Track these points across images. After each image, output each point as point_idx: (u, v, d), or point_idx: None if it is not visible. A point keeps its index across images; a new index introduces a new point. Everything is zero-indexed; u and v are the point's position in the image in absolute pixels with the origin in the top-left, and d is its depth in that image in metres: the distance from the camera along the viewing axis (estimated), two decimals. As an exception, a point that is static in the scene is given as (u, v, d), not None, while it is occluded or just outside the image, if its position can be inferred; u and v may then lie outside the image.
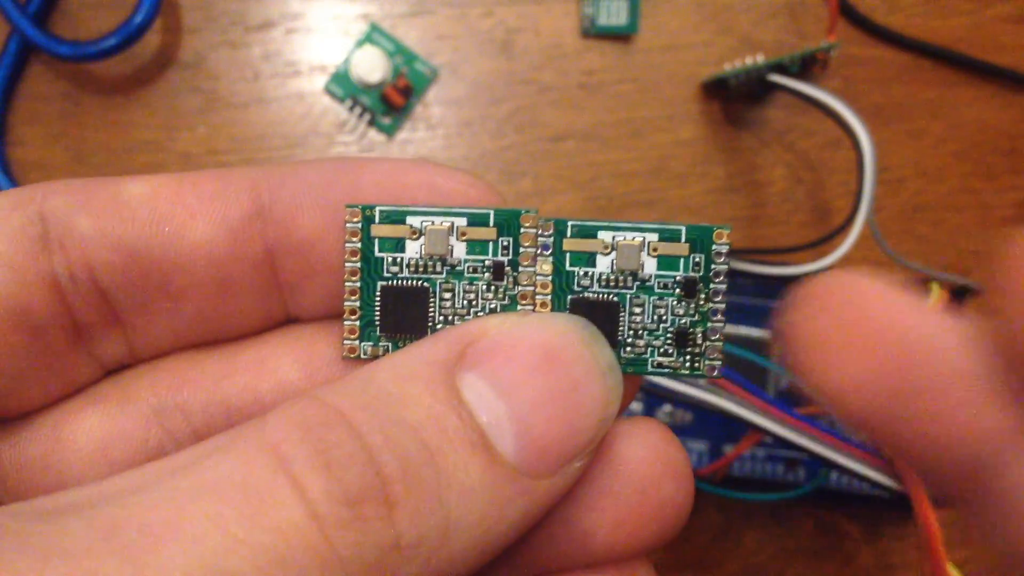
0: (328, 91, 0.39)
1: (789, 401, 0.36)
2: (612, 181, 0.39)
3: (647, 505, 0.17)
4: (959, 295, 0.35)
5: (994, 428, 0.15)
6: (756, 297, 0.37)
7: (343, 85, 0.39)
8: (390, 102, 0.38)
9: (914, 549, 0.39)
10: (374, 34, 0.39)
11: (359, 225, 0.17)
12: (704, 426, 0.37)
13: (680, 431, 0.37)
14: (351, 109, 0.39)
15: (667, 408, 0.37)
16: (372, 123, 0.39)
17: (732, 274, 0.36)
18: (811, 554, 0.39)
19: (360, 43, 0.39)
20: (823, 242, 0.36)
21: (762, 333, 0.37)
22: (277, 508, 0.13)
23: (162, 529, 0.12)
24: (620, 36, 0.40)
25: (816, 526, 0.39)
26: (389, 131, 0.39)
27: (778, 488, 0.35)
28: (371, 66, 0.38)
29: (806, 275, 0.35)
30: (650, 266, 0.17)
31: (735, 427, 0.34)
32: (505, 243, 0.17)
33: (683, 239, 0.17)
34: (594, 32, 0.39)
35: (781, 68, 0.37)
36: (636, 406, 0.36)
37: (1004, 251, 0.15)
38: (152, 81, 0.38)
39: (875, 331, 0.16)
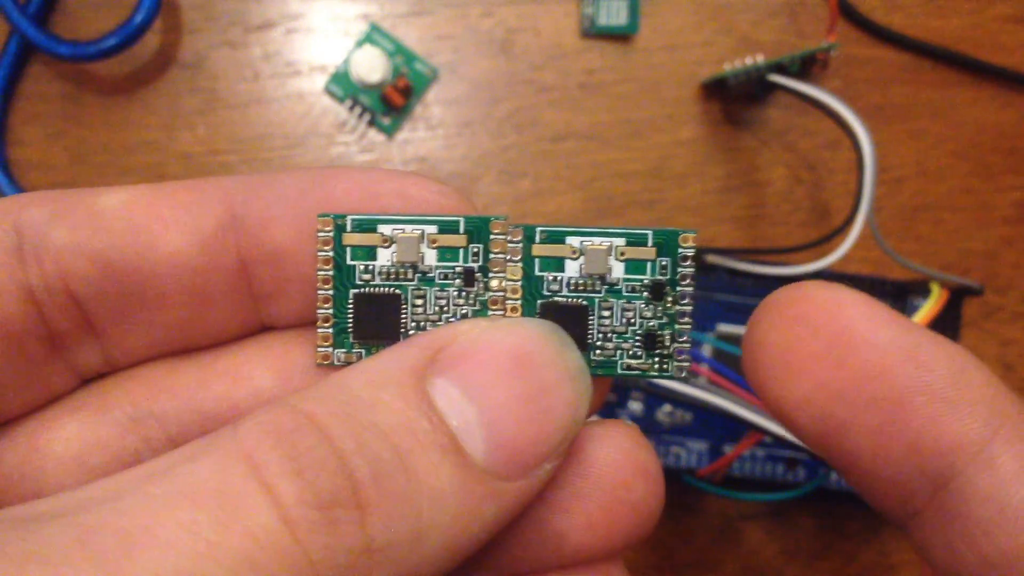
0: (328, 91, 0.39)
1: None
2: (612, 181, 0.39)
3: (618, 506, 0.18)
4: (959, 295, 0.35)
5: (952, 441, 0.15)
6: (756, 297, 0.37)
7: (343, 85, 0.39)
8: (390, 102, 0.38)
9: (914, 549, 0.39)
10: (374, 34, 0.39)
11: (331, 234, 0.18)
12: (704, 426, 0.37)
13: (680, 431, 0.37)
14: (351, 109, 0.39)
15: (667, 408, 0.37)
16: (372, 123, 0.39)
17: (732, 274, 0.36)
18: (811, 554, 0.39)
19: (360, 43, 0.39)
20: (823, 242, 0.36)
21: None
22: (250, 513, 0.13)
23: (137, 535, 0.12)
24: (620, 36, 0.40)
25: (816, 526, 0.39)
26: (389, 131, 0.39)
27: (778, 488, 0.35)
28: (371, 66, 0.38)
29: (806, 275, 0.35)
30: (618, 270, 0.18)
31: (735, 427, 0.34)
32: (475, 249, 0.18)
33: (650, 243, 0.18)
34: (594, 32, 0.39)
35: (781, 68, 0.37)
36: (636, 406, 0.37)
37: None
38: (152, 81, 0.38)
39: (834, 342, 0.16)
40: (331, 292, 0.18)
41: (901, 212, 0.40)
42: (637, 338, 0.18)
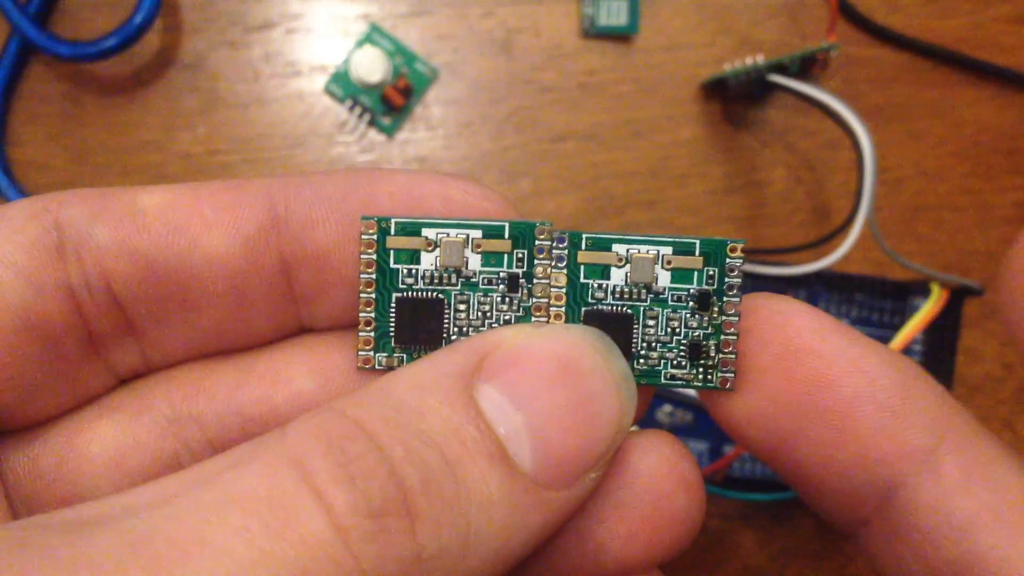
0: (328, 91, 0.39)
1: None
2: (612, 181, 0.39)
3: (659, 518, 0.17)
4: (959, 295, 0.35)
5: (898, 450, 0.15)
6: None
7: (343, 85, 0.39)
8: (390, 102, 0.38)
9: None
10: (374, 34, 0.39)
11: (375, 237, 0.17)
12: (704, 426, 0.37)
13: (680, 431, 0.37)
14: (351, 109, 0.39)
15: (667, 408, 0.37)
16: (372, 123, 0.39)
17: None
18: (811, 554, 0.39)
19: (360, 43, 0.39)
20: (823, 242, 0.36)
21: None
22: (302, 521, 0.13)
23: (190, 542, 0.12)
24: (620, 36, 0.40)
25: (816, 526, 0.39)
26: (389, 131, 0.39)
27: (778, 488, 0.35)
28: (371, 66, 0.38)
29: (806, 275, 0.35)
30: (664, 279, 0.17)
31: (735, 427, 0.34)
32: (520, 255, 0.17)
33: (697, 252, 0.17)
34: (594, 32, 0.39)
35: (781, 68, 0.37)
36: (636, 406, 0.37)
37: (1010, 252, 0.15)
38: (152, 81, 0.38)
39: (781, 354, 0.16)
40: (373, 295, 0.18)
41: (901, 212, 0.40)
42: (682, 348, 0.18)
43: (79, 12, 0.38)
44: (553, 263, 0.18)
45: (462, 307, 0.18)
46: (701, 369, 0.18)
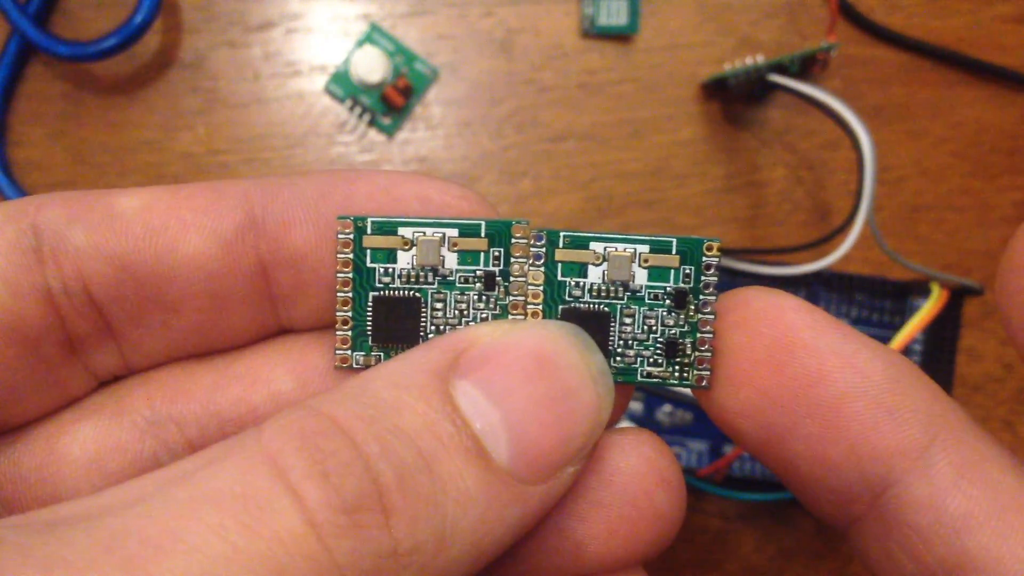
0: (328, 91, 0.39)
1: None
2: (612, 181, 0.39)
3: (639, 515, 0.17)
4: (959, 295, 0.35)
5: (891, 447, 0.15)
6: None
7: (343, 85, 0.39)
8: (390, 102, 0.38)
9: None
10: (374, 34, 0.39)
11: (351, 236, 0.17)
12: (704, 426, 0.37)
13: (680, 431, 0.37)
14: (351, 109, 0.39)
15: (667, 408, 0.37)
16: (372, 123, 0.39)
17: (732, 274, 0.36)
18: (811, 554, 0.39)
19: (360, 43, 0.39)
20: (823, 242, 0.36)
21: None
22: (276, 517, 0.13)
23: (163, 539, 0.12)
24: (620, 36, 0.40)
25: (816, 526, 0.39)
26: (389, 131, 0.39)
27: (778, 488, 0.35)
28: (371, 66, 0.38)
29: (806, 275, 0.35)
30: (641, 277, 0.18)
31: (735, 427, 0.34)
32: (496, 253, 0.18)
33: (674, 251, 0.18)
34: (594, 32, 0.39)
35: (781, 68, 0.37)
36: (636, 406, 0.37)
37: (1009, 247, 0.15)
38: (152, 81, 0.38)
39: (774, 348, 0.16)
40: (350, 295, 0.18)
41: (901, 212, 0.40)
42: (658, 346, 0.18)
43: (79, 12, 0.38)
44: (530, 261, 0.18)
45: (439, 305, 0.18)
46: (677, 367, 0.18)
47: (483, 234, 0.18)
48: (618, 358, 0.18)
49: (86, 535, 0.12)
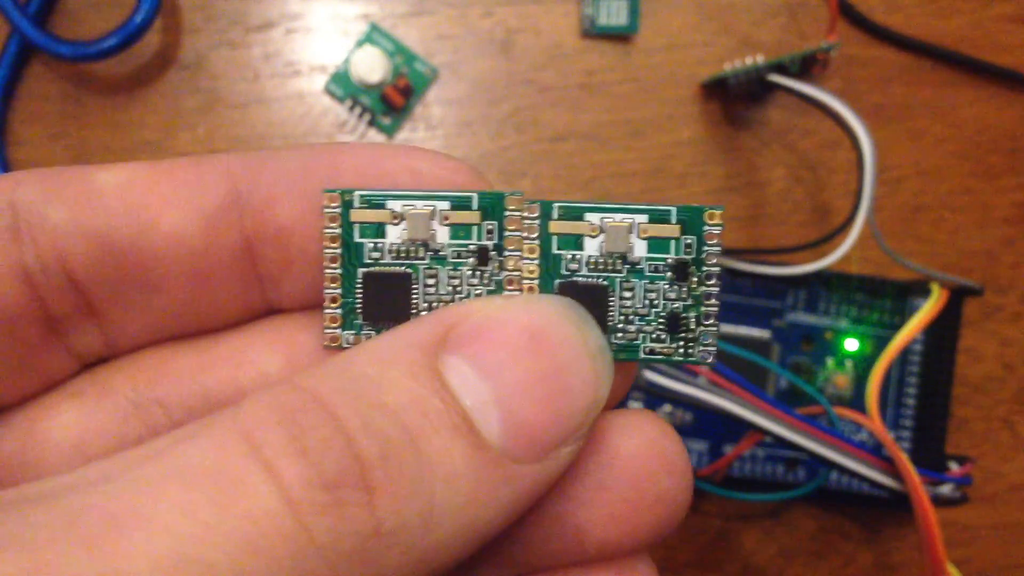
0: (328, 91, 0.39)
1: (789, 401, 0.36)
2: (612, 181, 0.39)
3: (643, 500, 0.17)
4: (959, 295, 0.35)
5: None
6: (756, 297, 0.37)
7: (343, 85, 0.39)
8: (390, 102, 0.38)
9: (914, 549, 0.39)
10: (374, 34, 0.39)
11: (338, 210, 0.17)
12: (704, 426, 0.37)
13: (680, 431, 0.37)
14: (351, 109, 0.39)
15: (667, 408, 0.37)
16: (372, 123, 0.39)
17: (732, 274, 0.36)
18: (811, 554, 0.39)
19: (360, 43, 0.39)
20: (823, 242, 0.36)
21: (762, 333, 0.37)
22: (250, 494, 0.12)
23: (128, 517, 0.12)
24: (620, 36, 0.40)
25: (816, 526, 0.39)
26: (389, 131, 0.39)
27: (778, 488, 0.35)
28: (371, 66, 0.38)
29: (806, 275, 0.35)
30: (640, 249, 0.17)
31: (735, 427, 0.34)
32: (489, 227, 0.17)
33: (674, 220, 0.17)
34: (594, 32, 0.39)
35: (781, 68, 0.37)
36: (636, 406, 0.36)
37: None
38: (152, 81, 0.38)
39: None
40: (339, 271, 0.17)
41: (901, 212, 0.40)
42: (660, 321, 0.17)
43: (79, 12, 0.38)
44: (524, 234, 0.17)
45: (431, 281, 0.17)
46: (681, 342, 0.17)
47: (476, 207, 0.17)
48: (619, 334, 0.17)
49: (46, 513, 0.12)
